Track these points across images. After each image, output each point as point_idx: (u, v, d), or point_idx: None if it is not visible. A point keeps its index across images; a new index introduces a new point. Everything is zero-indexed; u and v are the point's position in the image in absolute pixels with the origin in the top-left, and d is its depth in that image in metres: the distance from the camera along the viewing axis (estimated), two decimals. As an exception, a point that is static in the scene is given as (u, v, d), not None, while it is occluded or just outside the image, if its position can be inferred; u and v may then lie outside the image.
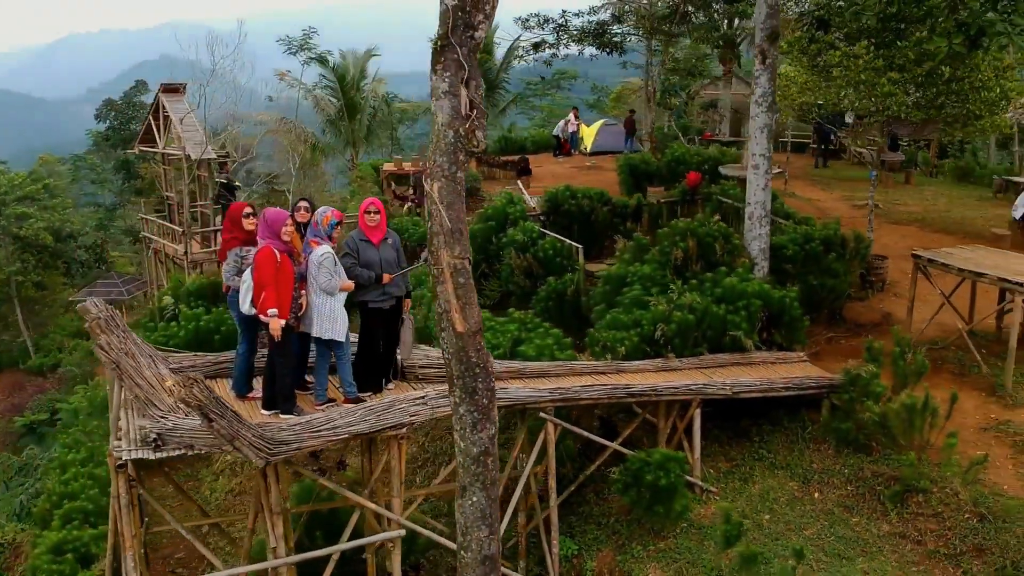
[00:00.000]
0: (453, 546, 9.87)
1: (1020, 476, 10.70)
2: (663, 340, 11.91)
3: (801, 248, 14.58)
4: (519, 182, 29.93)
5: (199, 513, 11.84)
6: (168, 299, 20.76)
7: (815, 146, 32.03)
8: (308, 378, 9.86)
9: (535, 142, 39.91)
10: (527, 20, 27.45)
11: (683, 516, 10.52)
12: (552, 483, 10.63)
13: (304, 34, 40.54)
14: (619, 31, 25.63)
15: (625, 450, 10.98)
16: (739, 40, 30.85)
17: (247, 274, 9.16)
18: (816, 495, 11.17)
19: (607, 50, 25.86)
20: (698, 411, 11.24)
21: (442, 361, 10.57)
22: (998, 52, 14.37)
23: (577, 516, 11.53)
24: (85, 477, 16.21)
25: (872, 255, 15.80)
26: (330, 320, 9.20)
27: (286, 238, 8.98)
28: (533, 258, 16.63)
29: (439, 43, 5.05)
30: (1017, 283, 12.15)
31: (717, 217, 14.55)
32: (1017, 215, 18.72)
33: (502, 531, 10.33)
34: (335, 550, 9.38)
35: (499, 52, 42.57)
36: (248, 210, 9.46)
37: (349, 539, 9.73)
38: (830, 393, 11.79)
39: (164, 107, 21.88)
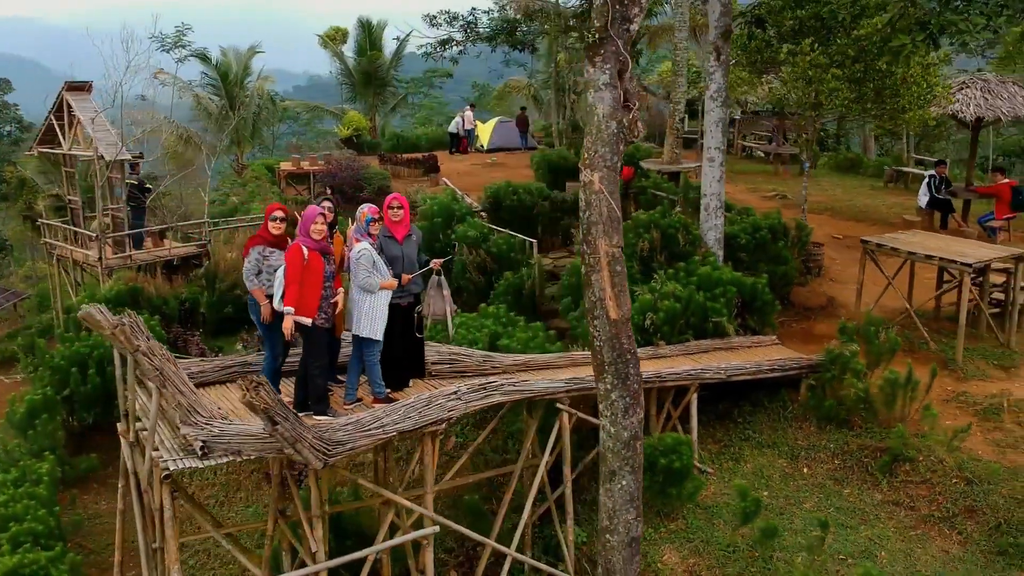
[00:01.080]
0: (484, 540, 9.97)
1: (989, 442, 11.55)
2: (652, 328, 12.26)
3: (752, 237, 15.21)
4: (428, 179, 29.97)
5: (211, 523, 11.38)
6: (86, 308, 19.71)
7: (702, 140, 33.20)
8: (340, 378, 9.71)
9: (430, 140, 39.84)
10: (434, 17, 27.40)
11: (693, 497, 10.86)
12: (568, 472, 10.80)
13: (177, 31, 39.17)
14: (529, 29, 25.87)
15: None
16: (638, 38, 31.67)
17: (280, 272, 8.98)
18: (805, 470, 11.75)
19: (519, 48, 26.10)
20: (695, 395, 11.63)
21: (453, 358, 10.67)
22: (925, 51, 15.33)
23: (580, 504, 11.72)
24: (25, 497, 15.29)
25: (811, 242, 16.64)
26: (369, 318, 9.11)
27: (316, 236, 8.82)
28: (487, 253, 16.72)
29: (597, 35, 5.14)
30: (966, 264, 13.09)
31: (678, 209, 15.03)
32: (922, 203, 20.05)
33: (521, 523, 10.49)
34: (374, 550, 9.28)
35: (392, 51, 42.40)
36: (277, 213, 9.24)
37: (355, 541, 9.68)
38: (810, 373, 12.40)
39: (71, 106, 20.75)
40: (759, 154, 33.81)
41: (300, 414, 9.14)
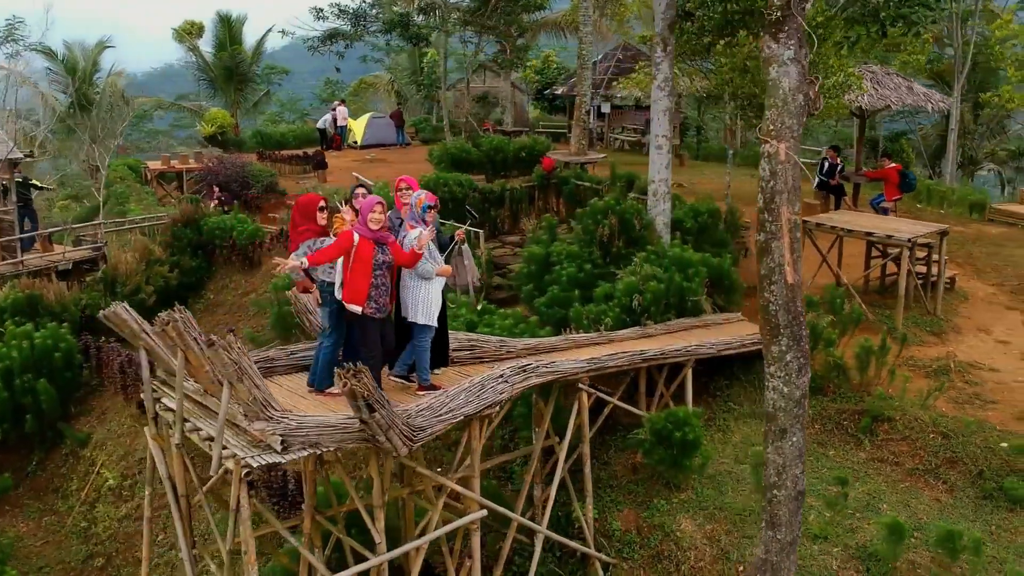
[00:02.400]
0: (529, 523, 10.10)
1: (948, 400, 12.64)
2: (639, 309, 12.68)
3: (695, 221, 15.92)
4: (315, 176, 29.44)
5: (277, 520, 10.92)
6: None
7: (643, 132, 34.11)
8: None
9: (297, 137, 38.96)
10: (321, 11, 26.95)
11: (704, 467, 11.35)
12: (587, 450, 11.06)
13: (8, 24, 36.82)
14: (424, 23, 25.89)
15: (639, 411, 11.66)
16: (518, 35, 32.13)
17: (339, 263, 8.85)
18: (788, 436, 12.44)
19: (413, 41, 26.04)
20: (690, 371, 12.14)
21: (472, 343, 10.72)
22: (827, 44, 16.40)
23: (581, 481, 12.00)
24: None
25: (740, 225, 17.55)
26: (424, 304, 9.07)
27: (373, 225, 8.73)
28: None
29: (779, 13, 5.44)
30: (903, 240, 14.21)
31: (633, 195, 15.53)
32: (815, 184, 21.51)
33: (549, 503, 10.67)
34: (428, 539, 9.27)
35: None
36: (323, 204, 9.07)
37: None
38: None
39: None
40: (627, 147, 35.06)
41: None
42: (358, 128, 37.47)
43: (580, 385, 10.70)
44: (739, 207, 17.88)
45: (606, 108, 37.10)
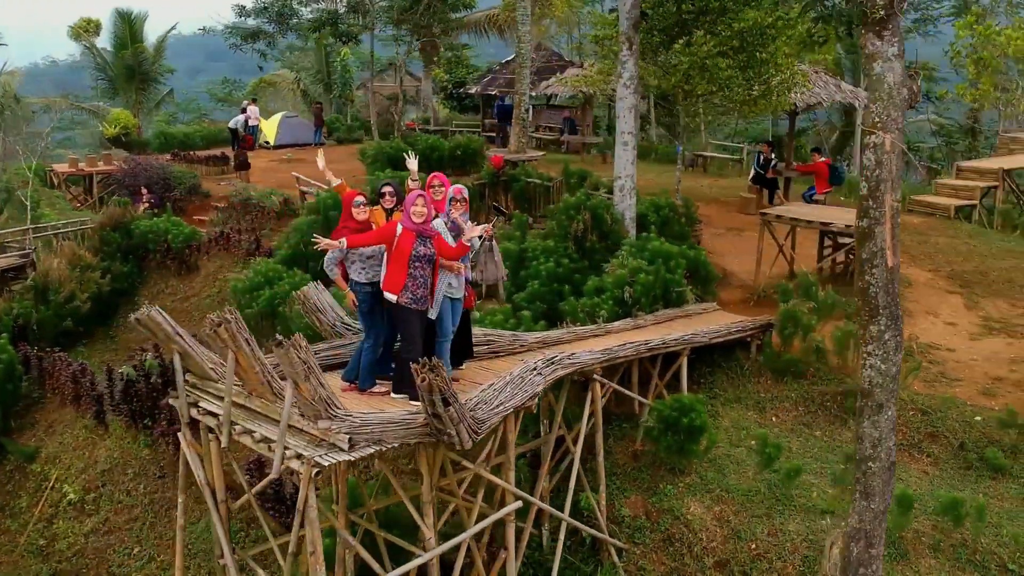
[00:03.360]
0: (558, 514, 10.29)
1: (918, 379, 13.39)
2: (631, 301, 13.00)
3: (657, 215, 16.38)
4: (238, 176, 28.82)
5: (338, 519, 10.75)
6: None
7: (498, 126, 34.41)
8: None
9: (204, 137, 37.93)
10: (244, 8, 26.35)
11: (708, 451, 11.75)
12: (600, 440, 11.32)
13: None
14: (353, 21, 25.64)
15: (646, 401, 11.99)
16: (438, 34, 32.14)
17: (384, 258, 8.88)
18: (774, 419, 13.03)
19: (342, 40, 25.77)
20: (685, 359, 12.53)
21: (488, 339, 10.83)
22: (788, 41, 17.15)
23: (587, 471, 12.25)
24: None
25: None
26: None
27: (416, 219, 8.77)
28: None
29: (883, 12, 5.80)
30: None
31: (602, 191, 15.86)
32: (750, 177, 22.39)
33: (569, 492, 10.88)
34: (471, 534, 9.34)
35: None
36: (359, 199, 9.04)
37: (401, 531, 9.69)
38: (764, 332, 13.70)
39: None
40: (547, 146, 35.46)
41: (396, 396, 9.06)
42: (270, 128, 36.75)
43: (595, 376, 10.93)
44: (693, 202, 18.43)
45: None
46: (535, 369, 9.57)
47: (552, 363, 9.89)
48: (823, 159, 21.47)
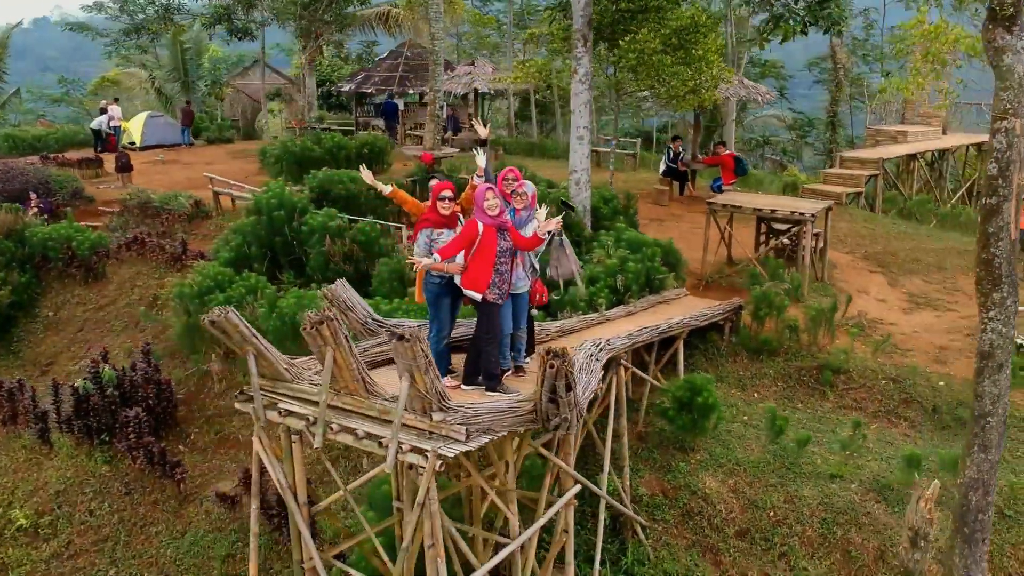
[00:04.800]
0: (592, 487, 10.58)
1: (870, 349, 14.48)
2: (623, 288, 13.45)
3: (608, 206, 16.94)
4: (120, 179, 27.47)
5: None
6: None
7: (386, 124, 34.28)
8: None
9: (59, 140, 35.71)
10: (126, 3, 25.06)
11: (718, 427, 12.35)
12: (624, 422, 11.69)
13: None
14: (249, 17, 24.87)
15: (655, 382, 12.48)
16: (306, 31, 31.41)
17: (461, 255, 8.91)
18: (756, 395, 13.81)
19: (239, 36, 24.95)
20: (682, 343, 13.10)
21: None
22: (714, 37, 18.10)
23: (596, 454, 12.60)
24: None
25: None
26: None
27: (491, 212, 8.87)
28: (353, 242, 16.48)
29: (1011, 9, 6.45)
30: (805, 214, 16.04)
31: (564, 184, 16.21)
32: (661, 171, 23.36)
33: (604, 474, 11.22)
34: (546, 519, 9.53)
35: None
36: (446, 193, 9.02)
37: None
38: (737, 314, 14.46)
39: None
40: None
41: (466, 387, 9.15)
42: (135, 128, 35.08)
43: (621, 360, 11.30)
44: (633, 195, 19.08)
45: (402, 104, 37.40)
46: (591, 355, 9.83)
47: (601, 348, 10.17)
48: (728, 152, 22.65)
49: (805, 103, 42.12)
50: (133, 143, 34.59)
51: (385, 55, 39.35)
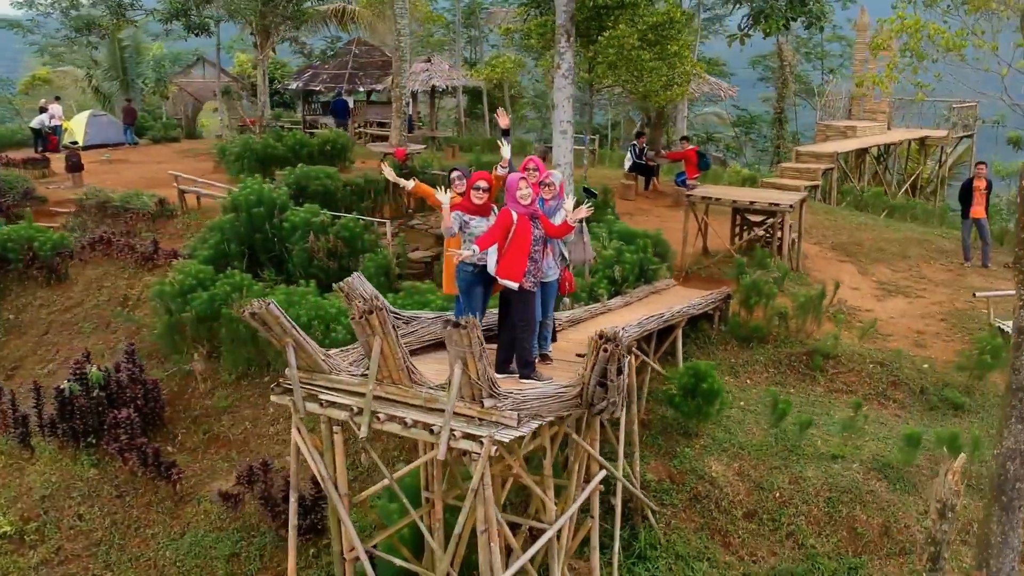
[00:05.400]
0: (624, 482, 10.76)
1: (853, 335, 14.94)
2: (620, 279, 13.65)
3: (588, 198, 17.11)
4: (71, 179, 26.81)
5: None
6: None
7: (336, 121, 34.03)
8: None
9: (-7, 140, 34.63)
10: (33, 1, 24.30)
11: (722, 411, 12.62)
12: (635, 409, 11.87)
13: None
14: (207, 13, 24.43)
15: (660, 369, 12.71)
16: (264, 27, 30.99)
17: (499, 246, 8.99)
18: (749, 381, 14.14)
19: (196, 32, 24.51)
20: (680, 331, 13.35)
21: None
22: (684, 34, 18.45)
23: (604, 441, 12.75)
24: None
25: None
26: None
27: (524, 201, 8.97)
28: (336, 238, 16.40)
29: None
30: (782, 205, 16.46)
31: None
32: (627, 167, 23.68)
33: (620, 459, 11.40)
34: (578, 505, 9.67)
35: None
36: (481, 183, 9.08)
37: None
38: (725, 303, 14.78)
39: None
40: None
41: (499, 376, 9.21)
42: (77, 127, 34.20)
43: (633, 348, 11.48)
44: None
45: (351, 101, 37.14)
46: (617, 344, 9.97)
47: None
48: (691, 146, 23.06)
49: (745, 100, 43.00)
50: (75, 142, 33.68)
51: (332, 52, 39.08)
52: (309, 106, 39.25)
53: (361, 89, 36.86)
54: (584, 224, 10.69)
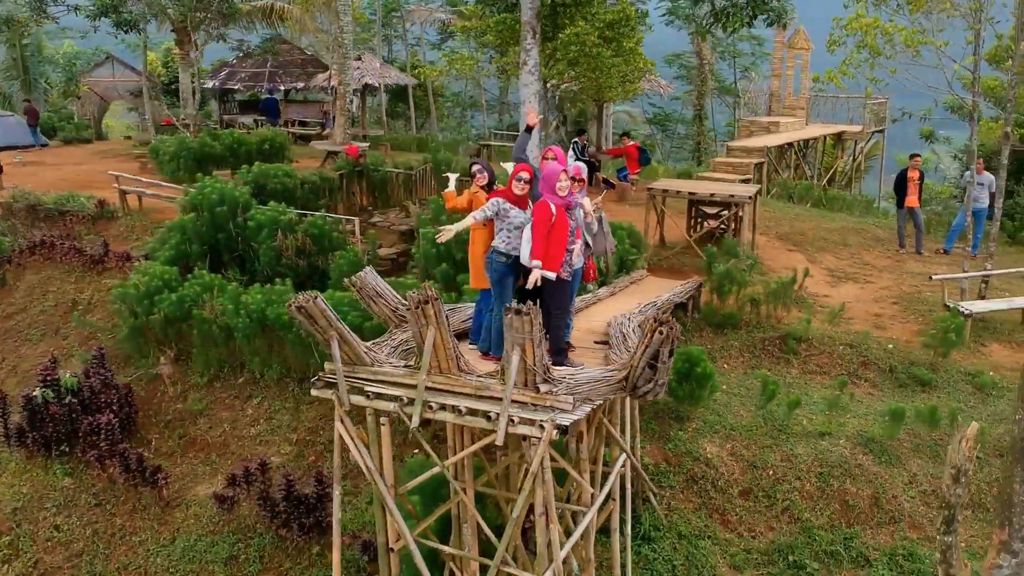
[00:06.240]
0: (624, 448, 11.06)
1: (824, 321, 15.62)
2: (605, 270, 13.94)
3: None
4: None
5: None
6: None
7: (267, 121, 33.49)
8: None
9: None
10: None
11: (713, 394, 13.03)
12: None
13: None
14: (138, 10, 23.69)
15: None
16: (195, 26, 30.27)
17: (527, 230, 9.09)
18: (726, 366, 14.62)
19: (124, 29, 23.74)
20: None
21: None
22: (636, 31, 18.91)
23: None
24: None
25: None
26: None
27: (561, 192, 9.14)
28: (305, 236, 16.24)
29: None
30: (743, 196, 17.06)
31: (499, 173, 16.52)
32: (568, 162, 24.01)
33: (627, 447, 11.71)
34: (608, 488, 9.92)
35: None
36: (523, 175, 9.17)
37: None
38: (697, 291, 15.23)
39: None
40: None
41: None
42: (-23, 129, 32.69)
43: (636, 335, 11.77)
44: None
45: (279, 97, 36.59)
46: (632, 330, 10.26)
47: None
48: (632, 142, 23.58)
49: (658, 98, 44.01)
50: (-18, 144, 32.18)
51: (251, 50, 38.37)
52: (225, 105, 38.46)
53: (281, 88, 36.35)
54: (603, 215, 10.89)
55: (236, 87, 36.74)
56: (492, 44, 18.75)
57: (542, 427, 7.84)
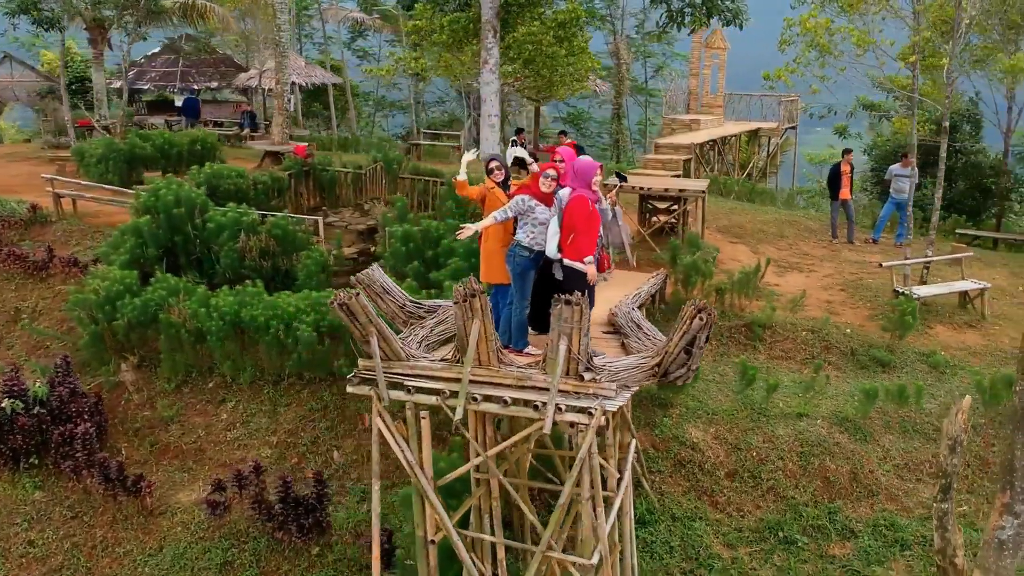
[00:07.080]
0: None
1: (780, 307, 16.30)
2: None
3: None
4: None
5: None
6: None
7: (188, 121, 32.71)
8: None
9: None
10: None
11: (694, 384, 13.47)
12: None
13: None
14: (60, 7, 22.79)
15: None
16: (109, 24, 29.28)
17: (553, 224, 9.31)
18: (696, 354, 15.12)
19: (44, 27, 22.83)
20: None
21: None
22: (580, 33, 19.34)
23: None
24: None
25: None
26: None
27: (596, 188, 9.42)
28: (269, 236, 16.05)
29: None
30: (699, 191, 17.64)
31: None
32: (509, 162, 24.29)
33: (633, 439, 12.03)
34: (628, 471, 10.22)
35: None
36: (551, 172, 9.36)
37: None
38: (663, 283, 15.69)
39: None
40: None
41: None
42: None
43: (625, 326, 12.11)
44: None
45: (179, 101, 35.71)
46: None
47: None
48: (569, 140, 23.97)
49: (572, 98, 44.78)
50: None
51: (158, 50, 37.36)
52: (134, 106, 37.29)
53: (195, 87, 35.52)
54: (617, 208, 11.17)
55: (146, 87, 35.71)
56: (444, 43, 18.82)
57: (590, 414, 8.05)
